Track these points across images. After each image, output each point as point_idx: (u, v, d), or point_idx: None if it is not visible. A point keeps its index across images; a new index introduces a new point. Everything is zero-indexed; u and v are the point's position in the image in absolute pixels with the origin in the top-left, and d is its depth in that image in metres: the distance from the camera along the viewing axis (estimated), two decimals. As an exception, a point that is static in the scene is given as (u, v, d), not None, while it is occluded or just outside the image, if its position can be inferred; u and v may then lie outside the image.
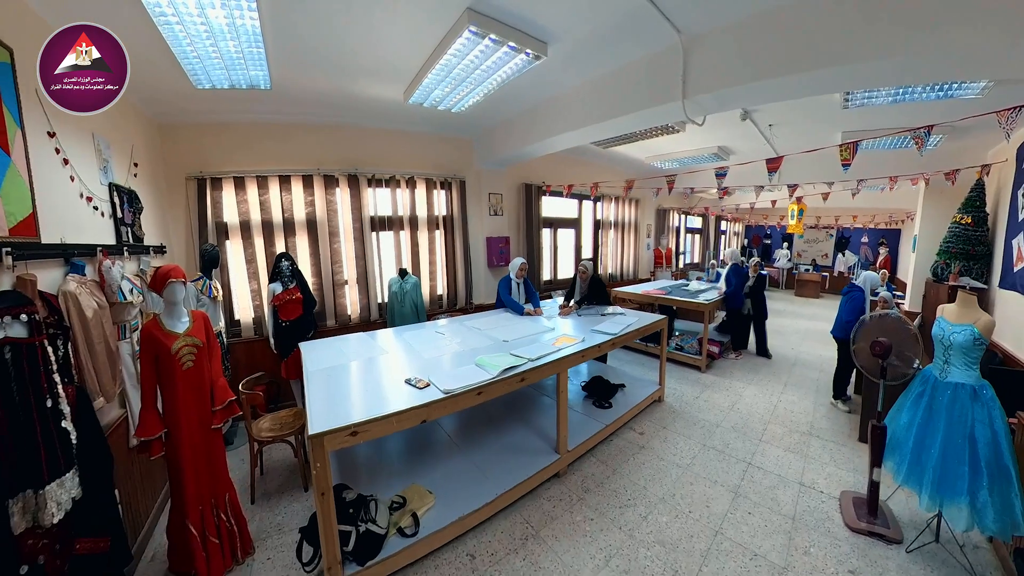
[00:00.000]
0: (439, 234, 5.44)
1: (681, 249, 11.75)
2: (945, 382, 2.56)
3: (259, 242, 4.33)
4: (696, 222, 12.62)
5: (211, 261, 3.80)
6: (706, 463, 3.52)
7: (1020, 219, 4.14)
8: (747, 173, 6.63)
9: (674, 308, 7.56)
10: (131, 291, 2.56)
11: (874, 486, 2.81)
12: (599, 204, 7.90)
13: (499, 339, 3.59)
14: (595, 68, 3.45)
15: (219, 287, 3.87)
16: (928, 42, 2.06)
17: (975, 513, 2.29)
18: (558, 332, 3.84)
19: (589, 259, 5.18)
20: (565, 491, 3.12)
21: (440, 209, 5.39)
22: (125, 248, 2.79)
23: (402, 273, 4.87)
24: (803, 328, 8.74)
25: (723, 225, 15.12)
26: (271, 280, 4.04)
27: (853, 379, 4.95)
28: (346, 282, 4.83)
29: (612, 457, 3.58)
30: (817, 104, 4.27)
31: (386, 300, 5.01)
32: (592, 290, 5.12)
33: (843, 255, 14.69)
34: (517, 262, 4.81)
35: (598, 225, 7.99)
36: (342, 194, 4.67)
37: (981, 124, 4.42)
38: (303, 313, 4.06)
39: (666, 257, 9.53)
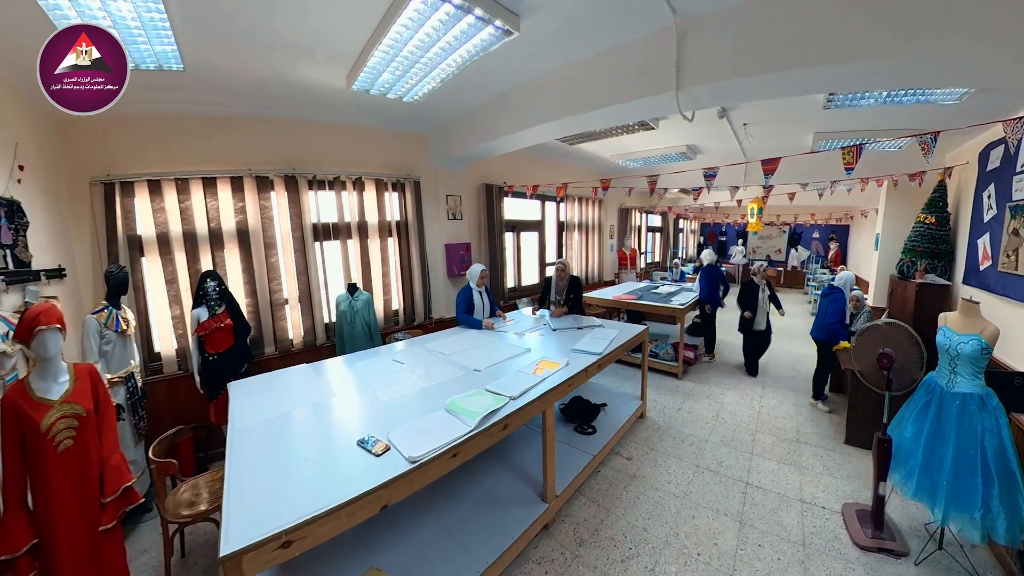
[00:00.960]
0: (392, 242, 4.97)
1: (642, 249, 11.80)
2: (953, 392, 2.56)
3: (181, 259, 3.72)
4: (656, 221, 12.74)
5: (118, 286, 3.13)
6: (703, 488, 3.35)
7: (986, 220, 4.42)
8: (721, 173, 6.61)
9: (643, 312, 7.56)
10: (5, 336, 1.97)
11: (880, 500, 2.77)
12: (562, 205, 7.67)
13: (469, 367, 3.17)
14: (576, 50, 3.14)
15: (130, 318, 3.20)
16: (928, 48, 2.01)
17: (988, 524, 2.31)
18: (536, 354, 3.51)
19: (561, 260, 4.90)
20: (557, 548, 2.77)
21: (393, 214, 4.92)
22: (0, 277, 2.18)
23: (351, 289, 4.37)
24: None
25: (681, 223, 15.41)
26: (195, 304, 3.45)
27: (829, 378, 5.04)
28: (286, 302, 4.27)
29: (603, 494, 3.30)
30: (796, 104, 4.24)
31: (334, 320, 4.49)
32: (572, 289, 4.86)
33: (796, 250, 15.64)
34: (476, 269, 4.46)
35: (562, 227, 7.77)
36: (279, 199, 4.12)
37: (944, 128, 4.49)
38: (235, 343, 3.50)
39: (630, 258, 9.48)
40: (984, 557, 2.62)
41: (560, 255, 7.83)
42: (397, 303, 5.11)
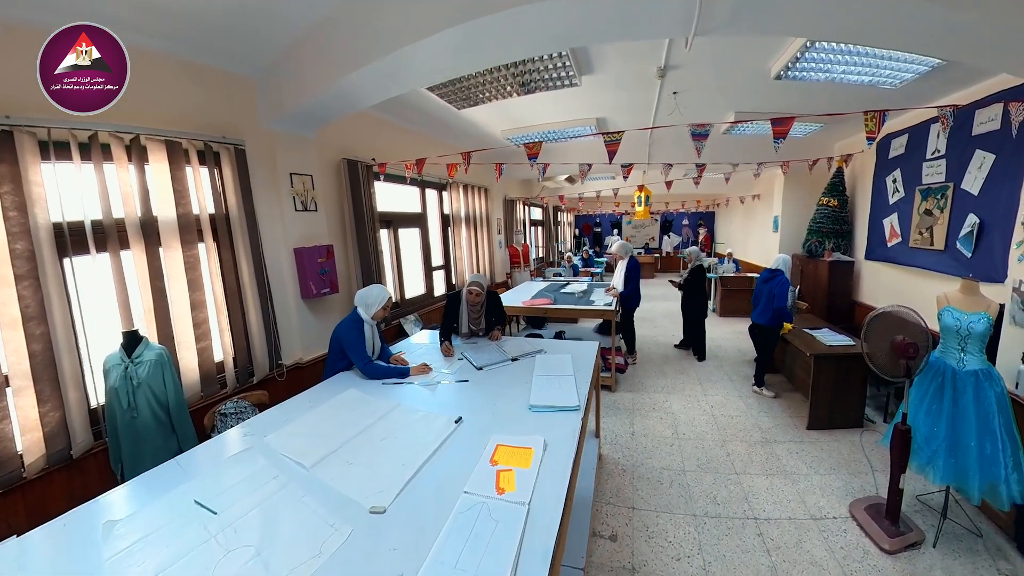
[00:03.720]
0: (205, 250, 3.34)
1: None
2: (965, 371, 2.74)
3: None
4: (538, 214, 12.30)
5: None
6: (717, 547, 2.82)
7: (891, 202, 5.31)
8: (626, 150, 6.18)
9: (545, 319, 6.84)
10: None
11: (898, 494, 2.80)
12: (446, 195, 6.53)
13: (361, 501, 1.69)
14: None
15: None
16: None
17: (1011, 489, 2.51)
18: (476, 427, 2.29)
19: (478, 278, 3.73)
20: None
21: (203, 202, 3.28)
22: None
23: (130, 341, 2.70)
24: (664, 309, 9.64)
25: (558, 216, 15.37)
26: None
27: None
28: (5, 381, 2.42)
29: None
30: (746, 70, 4.11)
31: (104, 401, 2.75)
32: (493, 309, 3.79)
33: (668, 236, 17.16)
34: (377, 294, 3.23)
35: (447, 221, 6.62)
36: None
37: (835, 117, 4.83)
38: None
39: (523, 255, 8.73)
40: (973, 510, 2.96)
41: (448, 256, 6.68)
42: (220, 352, 3.47)
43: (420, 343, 3.91)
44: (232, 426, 3.36)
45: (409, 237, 5.85)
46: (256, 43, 3.18)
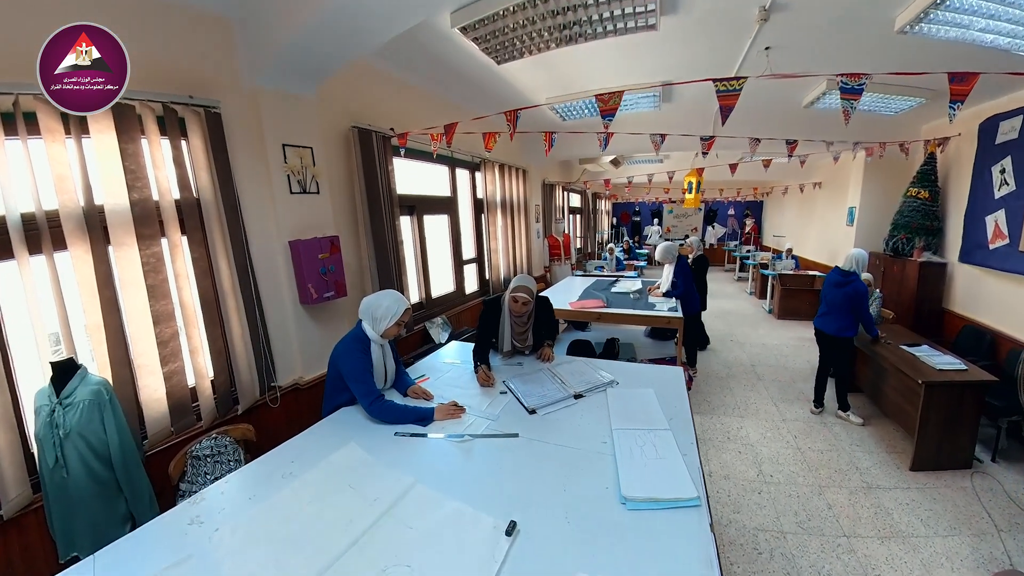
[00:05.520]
0: (167, 245, 2.54)
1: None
2: None
3: None
4: (576, 201, 11.29)
5: None
6: None
7: (998, 196, 4.44)
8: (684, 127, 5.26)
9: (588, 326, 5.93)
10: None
11: None
12: (478, 175, 5.63)
13: None
14: None
15: None
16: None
17: None
18: (557, 558, 1.35)
19: (525, 281, 2.82)
20: None
21: (163, 184, 2.48)
22: None
23: (61, 373, 1.99)
24: (714, 308, 8.67)
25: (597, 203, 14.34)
26: None
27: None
28: None
29: None
30: (862, 22, 3.24)
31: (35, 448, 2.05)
32: (541, 324, 2.91)
33: (712, 227, 15.81)
34: (387, 305, 2.35)
35: (480, 207, 5.73)
36: None
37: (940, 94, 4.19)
38: None
39: (564, 246, 7.78)
40: None
41: (481, 248, 5.80)
42: (192, 377, 2.68)
43: (449, 362, 3.05)
44: (207, 473, 2.62)
45: (436, 225, 4.98)
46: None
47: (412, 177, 4.49)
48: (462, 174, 5.43)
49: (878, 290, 4.97)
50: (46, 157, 2.06)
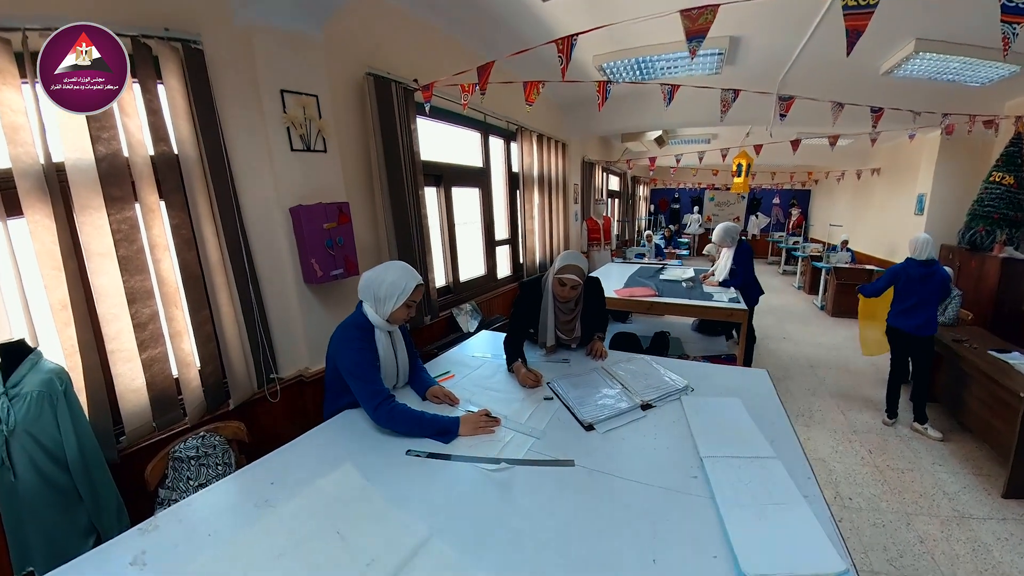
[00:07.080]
0: (141, 211, 2.10)
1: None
2: None
3: None
4: (615, 183, 10.61)
5: None
6: None
7: None
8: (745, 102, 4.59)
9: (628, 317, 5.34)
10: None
11: None
12: (514, 145, 5.09)
13: None
14: None
15: None
16: None
17: None
18: None
19: (574, 259, 2.25)
20: None
21: (133, 135, 2.03)
22: None
23: (10, 358, 1.66)
24: (759, 302, 8.05)
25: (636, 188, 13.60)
26: None
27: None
28: None
29: None
30: None
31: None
32: (591, 313, 2.37)
33: (756, 217, 14.83)
34: (392, 280, 1.84)
35: (516, 182, 5.19)
36: None
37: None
38: None
39: (604, 230, 7.18)
40: None
41: (514, 228, 5.28)
42: (176, 367, 2.27)
43: (479, 355, 2.54)
44: (190, 478, 2.22)
45: (466, 200, 4.46)
46: None
47: (439, 143, 3.97)
48: (496, 143, 4.87)
49: (956, 288, 4.34)
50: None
